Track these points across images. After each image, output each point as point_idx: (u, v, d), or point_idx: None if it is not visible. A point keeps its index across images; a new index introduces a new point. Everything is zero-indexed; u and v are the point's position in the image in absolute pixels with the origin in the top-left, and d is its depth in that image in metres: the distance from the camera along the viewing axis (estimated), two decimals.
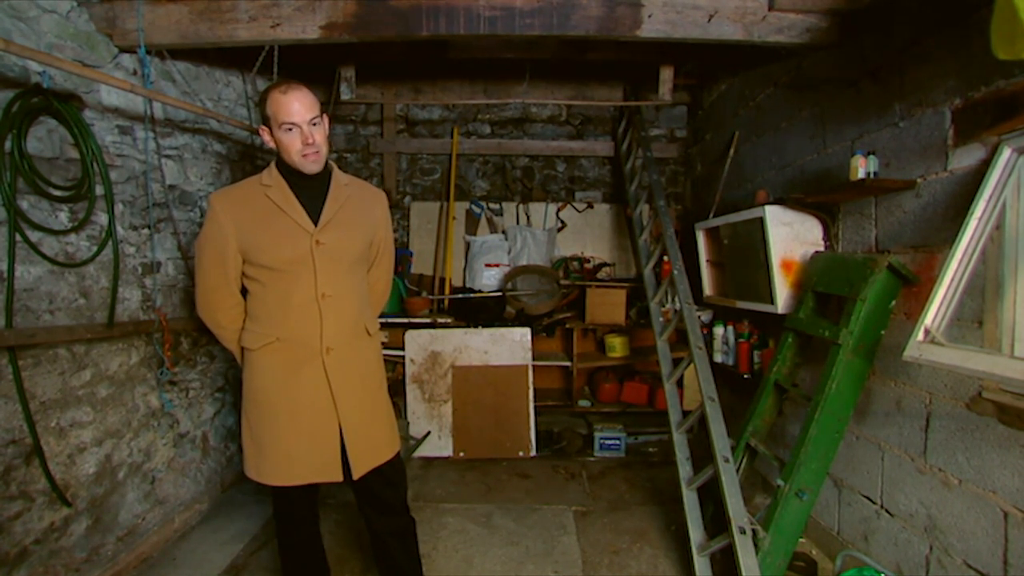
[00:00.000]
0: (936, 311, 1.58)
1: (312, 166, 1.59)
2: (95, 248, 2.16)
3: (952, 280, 1.56)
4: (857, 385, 2.06)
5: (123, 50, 2.40)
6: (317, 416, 1.64)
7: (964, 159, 1.72)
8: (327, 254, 1.62)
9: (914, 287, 1.94)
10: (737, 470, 2.32)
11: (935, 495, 1.84)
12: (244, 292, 1.71)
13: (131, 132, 2.43)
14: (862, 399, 2.16)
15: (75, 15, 2.16)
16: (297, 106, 1.54)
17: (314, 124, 1.57)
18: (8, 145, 1.78)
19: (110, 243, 2.21)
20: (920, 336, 1.58)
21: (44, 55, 1.72)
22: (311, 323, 1.62)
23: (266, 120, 1.58)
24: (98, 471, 2.18)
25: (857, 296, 1.99)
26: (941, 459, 1.82)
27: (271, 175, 1.64)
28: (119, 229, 2.30)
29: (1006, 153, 1.50)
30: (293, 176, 1.63)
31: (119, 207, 2.32)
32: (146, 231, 2.49)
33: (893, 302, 2.00)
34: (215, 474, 2.98)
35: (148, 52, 2.45)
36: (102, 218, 2.20)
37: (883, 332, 2.03)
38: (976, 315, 1.64)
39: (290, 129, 1.55)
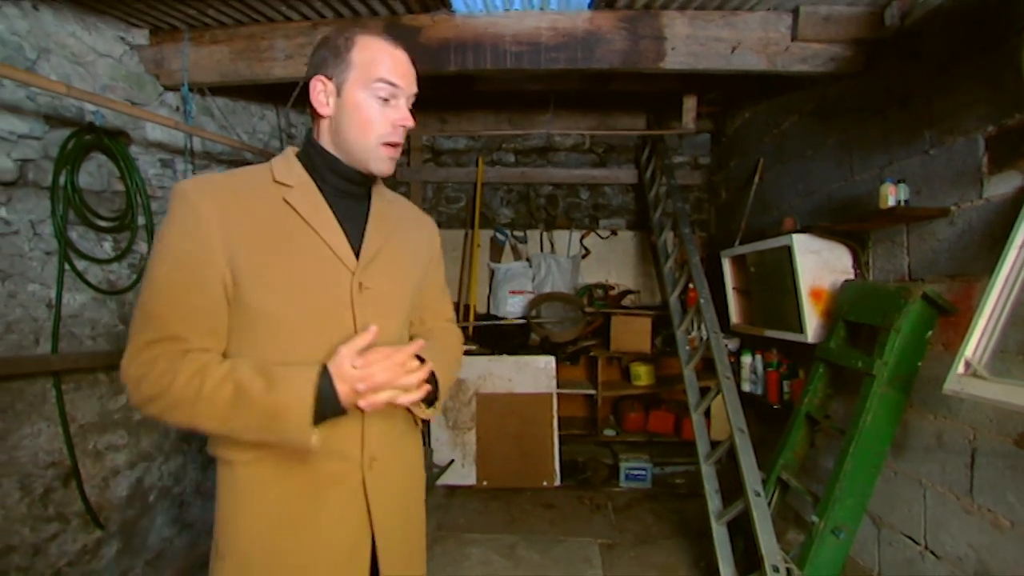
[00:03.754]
0: (977, 343, 1.53)
1: (387, 165, 1.01)
2: (135, 276, 2.25)
3: (993, 311, 1.51)
4: (894, 418, 2.00)
5: (168, 88, 2.54)
6: (343, 570, 1.01)
7: (1000, 187, 1.69)
8: (373, 305, 1.01)
9: (951, 317, 1.89)
10: (769, 504, 2.25)
11: (985, 537, 1.75)
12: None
13: (172, 165, 2.54)
14: (899, 432, 2.09)
15: (127, 58, 2.30)
16: (407, 68, 0.99)
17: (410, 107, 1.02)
18: (62, 179, 1.88)
19: None
20: (960, 369, 1.53)
21: (100, 98, 1.83)
22: (348, 418, 0.96)
23: (340, 70, 0.96)
24: (130, 494, 2.22)
25: (891, 326, 1.94)
26: (989, 499, 1.74)
27: (291, 168, 1.00)
28: None
29: None
30: (330, 177, 1.02)
31: None
32: None
33: (930, 332, 1.95)
34: None
35: (190, 89, 2.59)
36: (143, 247, 2.30)
37: (920, 363, 1.97)
38: (1022, 347, 1.58)
39: (386, 97, 0.97)
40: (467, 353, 3.73)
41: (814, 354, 2.41)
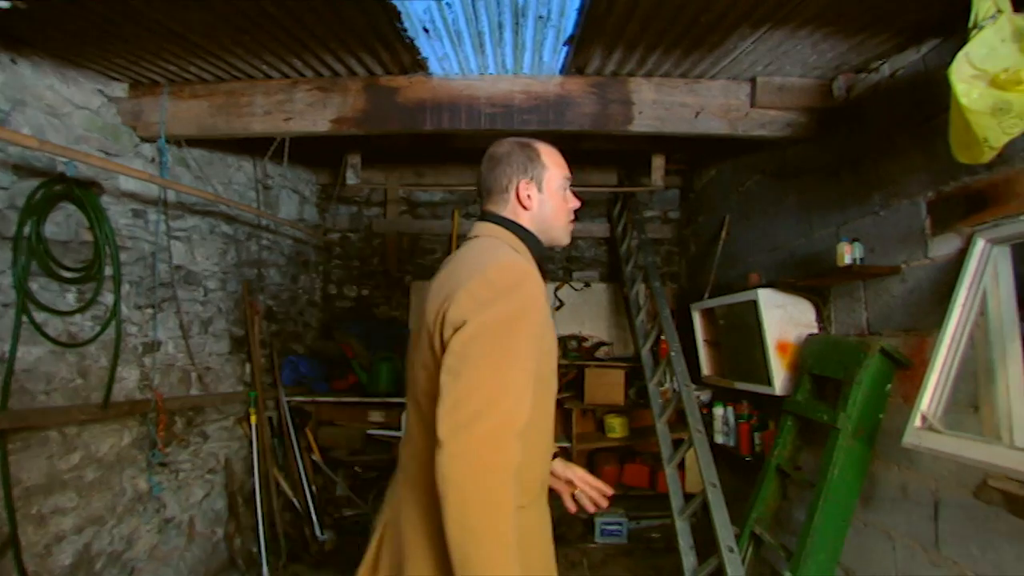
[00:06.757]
0: (931, 397, 1.58)
1: (570, 238, 1.31)
2: (98, 328, 2.19)
3: (943, 366, 1.58)
4: (860, 470, 2.03)
5: (144, 140, 2.55)
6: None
7: (942, 248, 1.80)
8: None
9: (908, 370, 1.96)
10: (743, 560, 2.23)
11: None
12: None
13: (144, 215, 2.53)
14: (867, 484, 2.11)
15: (104, 110, 2.32)
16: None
17: None
18: (27, 230, 1.85)
19: (113, 323, 2.24)
20: (917, 422, 1.58)
21: (72, 151, 1.83)
22: (550, 454, 1.25)
23: (537, 175, 1.22)
24: (74, 562, 2.08)
25: (852, 380, 2.00)
26: (955, 551, 1.75)
27: (526, 254, 1.20)
28: (123, 309, 2.34)
29: (980, 244, 1.57)
30: (534, 255, 1.23)
31: (126, 287, 2.37)
32: (150, 310, 2.53)
33: (889, 385, 2.01)
34: (199, 563, 2.83)
35: (167, 141, 2.61)
36: (108, 298, 2.25)
37: (881, 416, 2.02)
38: (972, 400, 1.64)
39: (567, 188, 1.26)
40: None
41: (782, 407, 2.45)
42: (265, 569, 2.93)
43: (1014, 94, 1.16)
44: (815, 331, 2.52)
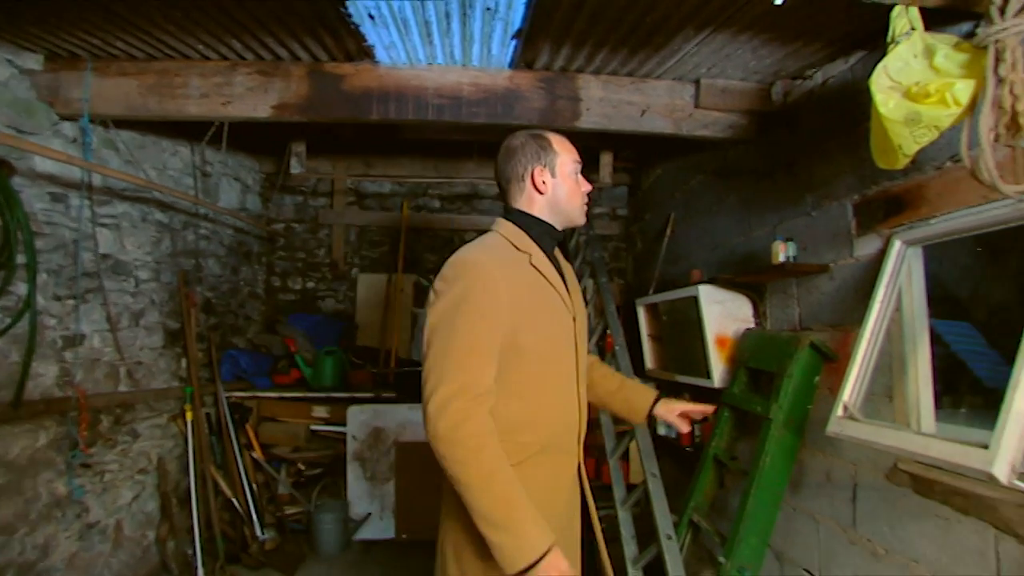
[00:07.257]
0: (852, 387, 1.68)
1: (584, 219, 1.41)
2: (8, 320, 2.03)
3: (863, 358, 1.68)
4: (789, 458, 2.13)
5: (64, 118, 2.38)
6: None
7: (866, 248, 1.91)
8: (579, 331, 1.38)
9: (834, 363, 2.07)
10: (681, 548, 2.31)
11: (866, 566, 1.88)
12: None
13: (64, 199, 2.36)
14: (796, 471, 2.22)
15: (15, 83, 2.15)
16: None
17: None
18: None
19: (27, 315, 2.09)
20: (839, 412, 1.68)
21: None
22: (572, 420, 1.35)
23: (550, 161, 1.34)
24: None
25: (784, 373, 2.10)
26: (869, 529, 1.88)
27: (523, 239, 1.32)
28: (39, 300, 2.18)
29: (897, 245, 1.68)
30: (545, 240, 1.36)
31: (43, 277, 2.21)
32: (71, 302, 2.37)
33: (817, 378, 2.12)
34: (127, 568, 2.69)
35: (92, 121, 2.44)
36: (21, 288, 2.09)
37: (810, 407, 2.13)
38: (887, 390, 1.76)
39: (578, 172, 1.38)
40: (387, 400, 3.62)
41: (720, 399, 2.54)
42: (200, 572, 2.82)
43: (923, 106, 1.25)
44: (752, 326, 2.63)
